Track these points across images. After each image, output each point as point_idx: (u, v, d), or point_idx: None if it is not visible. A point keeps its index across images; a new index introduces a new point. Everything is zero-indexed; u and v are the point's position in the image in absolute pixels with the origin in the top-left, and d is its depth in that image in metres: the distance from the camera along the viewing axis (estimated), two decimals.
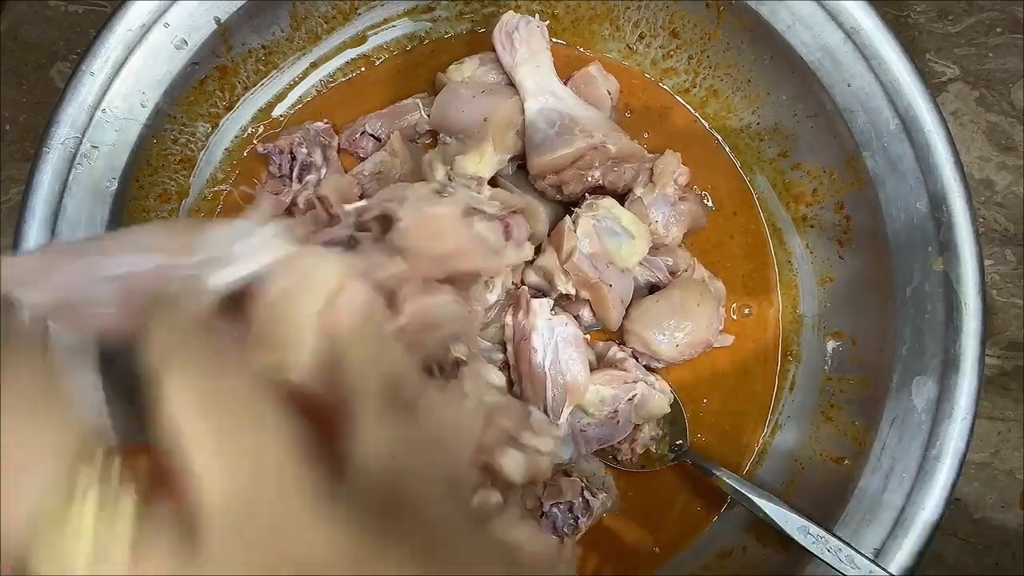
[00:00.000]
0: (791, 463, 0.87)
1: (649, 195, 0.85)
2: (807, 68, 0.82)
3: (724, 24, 0.87)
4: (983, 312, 0.77)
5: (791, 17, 0.81)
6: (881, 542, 0.75)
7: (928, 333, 0.78)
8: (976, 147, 0.99)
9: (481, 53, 0.89)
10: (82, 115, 0.76)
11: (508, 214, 0.75)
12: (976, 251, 0.77)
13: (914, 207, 0.79)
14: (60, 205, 0.76)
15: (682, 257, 0.88)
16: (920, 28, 1.00)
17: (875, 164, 0.81)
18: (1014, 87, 0.99)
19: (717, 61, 0.91)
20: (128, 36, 0.77)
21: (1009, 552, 0.94)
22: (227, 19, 0.81)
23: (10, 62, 0.96)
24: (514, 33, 0.84)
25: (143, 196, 0.84)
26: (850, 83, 0.81)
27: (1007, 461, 0.95)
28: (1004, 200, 0.98)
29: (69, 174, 0.76)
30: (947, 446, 0.75)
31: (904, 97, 0.79)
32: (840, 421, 0.84)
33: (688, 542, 0.88)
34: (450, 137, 0.85)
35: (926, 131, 0.78)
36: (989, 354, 0.95)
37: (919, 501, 0.75)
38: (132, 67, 0.78)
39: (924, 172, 0.79)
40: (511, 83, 0.85)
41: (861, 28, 0.79)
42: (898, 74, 0.79)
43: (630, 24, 0.92)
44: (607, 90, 0.89)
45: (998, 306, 0.97)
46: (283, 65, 0.91)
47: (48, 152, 0.76)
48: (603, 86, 0.88)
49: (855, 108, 0.81)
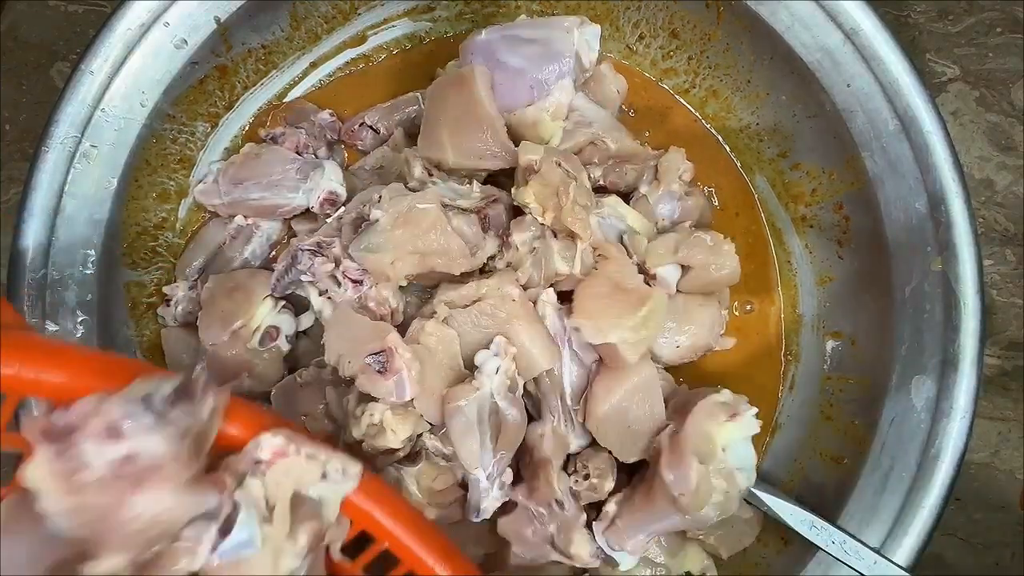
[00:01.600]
0: (791, 463, 0.87)
1: (654, 192, 0.84)
2: (806, 69, 0.82)
3: (724, 25, 0.87)
4: (982, 311, 0.77)
5: (791, 18, 0.81)
6: (881, 541, 0.75)
7: (927, 332, 0.78)
8: (976, 147, 0.99)
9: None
10: (81, 114, 0.77)
11: (485, 204, 0.75)
12: (975, 251, 0.77)
13: (913, 207, 0.79)
14: (59, 205, 0.76)
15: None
16: (920, 28, 1.00)
17: (874, 164, 0.81)
18: (1014, 87, 0.99)
19: (717, 62, 0.91)
20: (128, 35, 0.77)
21: (1009, 552, 0.94)
22: (227, 18, 0.81)
23: (10, 62, 0.97)
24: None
25: (142, 196, 0.84)
26: (849, 84, 0.81)
27: (1007, 461, 0.95)
28: (1004, 200, 0.98)
29: (68, 173, 0.76)
30: (946, 445, 0.75)
31: (903, 98, 0.79)
32: (840, 420, 0.84)
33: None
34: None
35: (925, 131, 0.79)
36: (989, 354, 0.95)
37: (919, 500, 0.75)
38: (132, 66, 0.78)
39: (923, 172, 0.79)
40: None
41: (860, 29, 0.80)
42: (897, 75, 0.79)
43: (630, 24, 0.92)
44: (616, 89, 0.88)
45: (998, 306, 0.97)
46: (283, 65, 0.91)
47: (47, 151, 0.76)
48: (612, 84, 0.88)
49: (854, 108, 0.81)
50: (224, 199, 0.85)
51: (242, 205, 0.85)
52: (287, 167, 0.85)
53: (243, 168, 0.85)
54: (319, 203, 0.83)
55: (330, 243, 0.78)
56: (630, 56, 0.95)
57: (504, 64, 0.81)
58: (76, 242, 0.77)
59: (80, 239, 0.77)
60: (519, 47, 0.81)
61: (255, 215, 0.86)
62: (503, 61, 0.81)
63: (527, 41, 0.81)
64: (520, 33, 0.82)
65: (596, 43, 0.83)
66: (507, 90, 0.81)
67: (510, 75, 0.81)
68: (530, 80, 0.81)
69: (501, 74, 0.81)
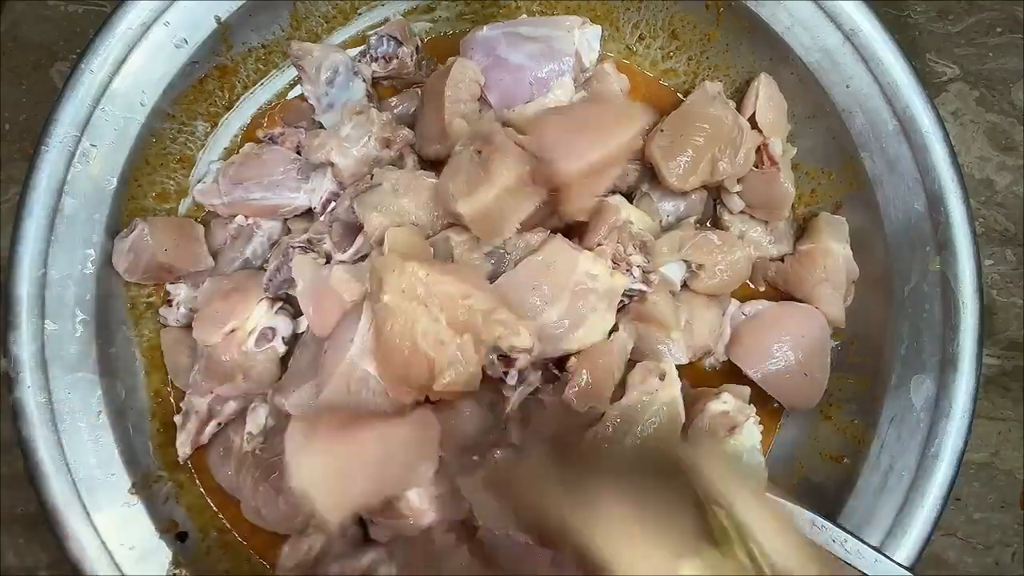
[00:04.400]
0: (791, 462, 0.87)
1: (656, 190, 0.84)
2: (806, 69, 0.83)
3: (723, 25, 0.87)
4: (980, 310, 0.77)
5: (790, 19, 0.82)
6: (880, 540, 0.75)
7: (926, 332, 0.78)
8: (976, 147, 0.99)
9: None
10: (81, 113, 0.76)
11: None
12: (973, 251, 0.77)
13: (912, 207, 0.79)
14: (59, 204, 0.76)
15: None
16: (920, 28, 1.00)
17: (873, 165, 0.81)
18: (1014, 87, 0.99)
19: (716, 62, 0.91)
20: (128, 34, 0.77)
21: (1009, 552, 0.93)
22: (227, 18, 0.81)
23: (10, 62, 0.97)
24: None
25: (142, 195, 0.83)
26: (848, 84, 0.81)
27: (1007, 461, 0.95)
28: (1004, 200, 0.98)
29: (68, 173, 0.76)
30: (946, 444, 0.75)
31: (902, 98, 0.80)
32: (839, 420, 0.84)
33: None
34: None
35: (924, 132, 0.79)
36: (989, 354, 0.95)
37: (918, 499, 0.75)
38: (132, 66, 0.78)
39: (922, 173, 0.79)
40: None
41: (860, 29, 0.80)
42: (896, 75, 0.80)
43: (630, 25, 0.92)
44: (619, 88, 0.89)
45: (998, 306, 0.97)
46: (283, 64, 0.91)
47: (47, 151, 0.75)
48: (615, 83, 0.88)
49: (853, 109, 0.81)
50: (224, 199, 0.85)
51: (243, 205, 0.85)
52: (288, 167, 0.85)
53: (244, 168, 0.85)
54: (321, 203, 0.83)
55: (320, 239, 0.78)
56: (630, 56, 0.95)
57: (505, 60, 0.81)
58: (76, 242, 0.77)
59: (80, 239, 0.77)
60: (520, 44, 0.81)
61: (256, 215, 0.86)
62: (504, 58, 0.81)
63: (528, 39, 0.81)
64: (521, 31, 0.82)
65: (597, 43, 0.83)
66: (507, 86, 0.81)
67: (511, 72, 0.81)
68: (530, 77, 0.81)
69: (501, 70, 0.81)
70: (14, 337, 0.74)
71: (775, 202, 0.85)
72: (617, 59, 0.95)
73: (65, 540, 0.72)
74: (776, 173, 0.84)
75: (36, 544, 0.87)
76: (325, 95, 0.87)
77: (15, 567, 0.86)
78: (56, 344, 0.75)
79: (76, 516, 0.73)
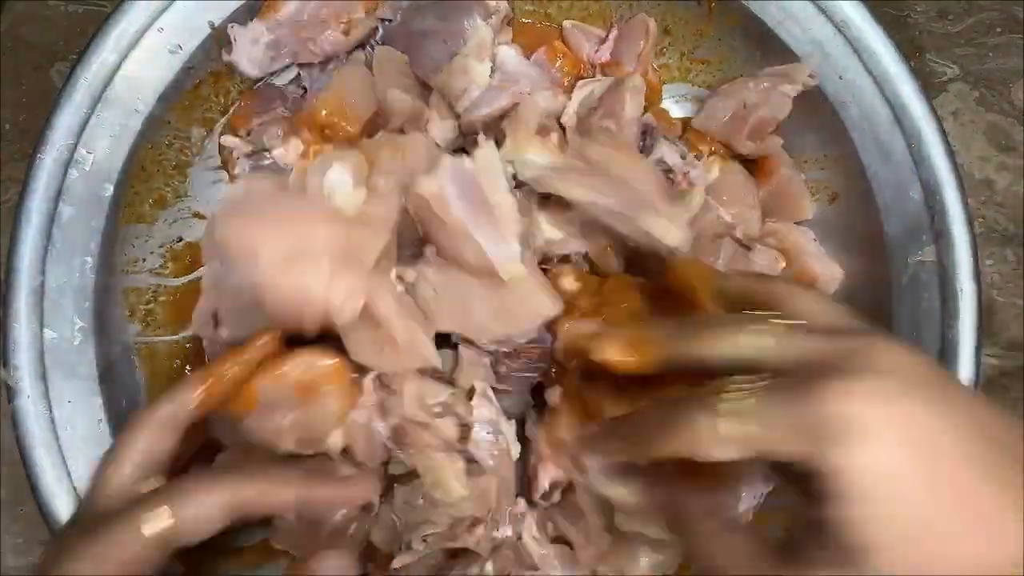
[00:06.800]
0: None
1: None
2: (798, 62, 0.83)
3: (715, 20, 0.88)
4: (978, 299, 0.77)
5: (781, 13, 0.82)
6: None
7: (924, 323, 0.78)
8: (976, 147, 0.99)
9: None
10: (76, 120, 0.77)
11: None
12: (970, 239, 0.78)
13: (908, 196, 0.80)
14: (56, 211, 0.76)
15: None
16: (920, 28, 1.01)
17: (868, 155, 0.81)
18: (1014, 87, 0.99)
19: (709, 57, 0.91)
20: (122, 41, 0.77)
21: None
22: (222, 23, 0.81)
23: (10, 62, 0.97)
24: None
25: (138, 202, 0.83)
26: (841, 75, 0.81)
27: None
28: (1004, 200, 0.98)
29: (64, 179, 0.76)
30: None
31: (893, 87, 0.80)
32: None
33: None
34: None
35: (916, 120, 0.79)
36: (989, 354, 0.95)
37: None
38: (126, 72, 0.78)
39: (916, 162, 0.79)
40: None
41: (851, 21, 0.80)
42: (887, 65, 0.80)
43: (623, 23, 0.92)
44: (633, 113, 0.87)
45: (998, 306, 0.97)
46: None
47: (43, 158, 0.76)
48: (629, 107, 0.87)
49: (846, 100, 0.82)
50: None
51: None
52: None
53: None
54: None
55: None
56: None
57: (416, 31, 0.81)
58: (73, 249, 0.77)
59: (77, 246, 0.77)
60: (426, 12, 0.81)
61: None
62: (414, 29, 0.81)
63: (433, 4, 0.81)
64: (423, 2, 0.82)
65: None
66: (425, 53, 0.80)
67: (424, 39, 0.80)
68: (443, 35, 0.80)
69: (415, 41, 0.81)
70: (13, 346, 0.74)
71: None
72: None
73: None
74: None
75: (36, 545, 0.87)
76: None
77: (15, 567, 0.86)
78: (55, 352, 0.75)
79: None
